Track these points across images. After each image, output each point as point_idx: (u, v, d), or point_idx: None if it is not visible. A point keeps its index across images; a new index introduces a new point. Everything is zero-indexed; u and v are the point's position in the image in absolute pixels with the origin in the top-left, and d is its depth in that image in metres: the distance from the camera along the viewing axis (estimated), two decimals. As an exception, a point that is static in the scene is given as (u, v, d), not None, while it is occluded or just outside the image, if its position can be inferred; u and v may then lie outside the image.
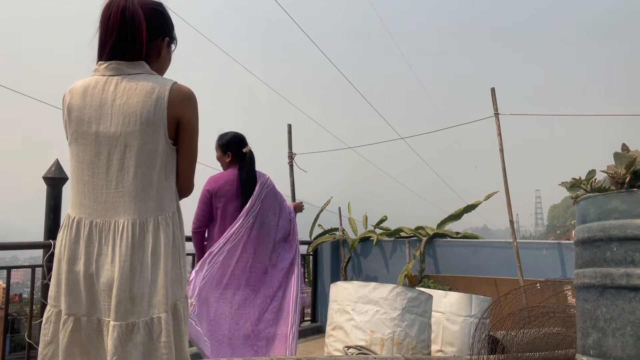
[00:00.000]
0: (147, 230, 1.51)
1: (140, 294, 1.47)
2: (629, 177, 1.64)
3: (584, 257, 1.68)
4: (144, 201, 1.53)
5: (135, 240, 1.49)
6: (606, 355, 1.52)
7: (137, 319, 1.46)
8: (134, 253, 1.48)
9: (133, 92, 1.52)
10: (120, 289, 1.46)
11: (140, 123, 1.51)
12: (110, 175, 1.53)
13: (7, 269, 3.17)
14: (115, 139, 1.52)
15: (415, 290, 2.93)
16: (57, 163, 3.20)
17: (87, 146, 1.54)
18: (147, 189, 1.53)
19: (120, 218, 1.51)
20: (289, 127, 5.98)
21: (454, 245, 4.86)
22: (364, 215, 5.70)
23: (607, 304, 1.55)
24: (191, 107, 1.58)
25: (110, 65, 1.56)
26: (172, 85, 1.54)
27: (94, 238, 1.52)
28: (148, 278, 1.49)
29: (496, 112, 4.55)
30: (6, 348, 3.22)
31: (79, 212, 1.55)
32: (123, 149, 1.52)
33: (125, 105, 1.51)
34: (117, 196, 1.52)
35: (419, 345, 2.81)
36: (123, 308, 1.46)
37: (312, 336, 5.02)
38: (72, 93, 1.57)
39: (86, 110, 1.54)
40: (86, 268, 1.51)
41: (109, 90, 1.53)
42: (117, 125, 1.52)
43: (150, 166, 1.54)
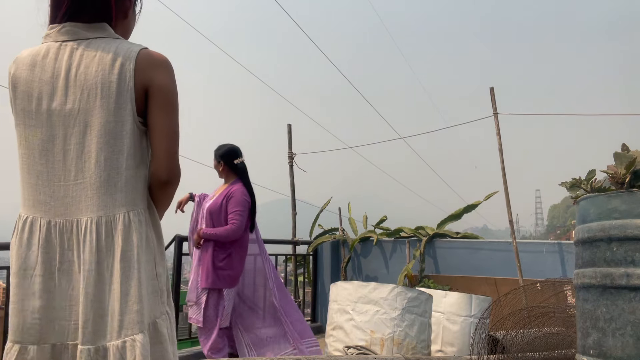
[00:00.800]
0: (116, 229, 1.21)
1: (110, 310, 1.18)
2: (629, 177, 1.64)
3: (584, 257, 1.68)
4: (110, 194, 1.22)
5: (101, 244, 1.19)
6: (606, 355, 1.52)
7: (107, 342, 1.17)
8: (101, 259, 1.19)
9: (92, 60, 1.24)
10: (86, 305, 1.17)
11: (101, 97, 1.22)
12: (69, 163, 1.23)
13: (7, 269, 3.16)
14: (73, 117, 1.23)
15: (415, 290, 2.93)
16: (57, 163, 3.19)
17: (38, 128, 1.24)
18: (113, 177, 1.23)
19: (82, 216, 1.21)
20: (289, 127, 5.98)
21: (454, 245, 4.87)
22: (364, 215, 5.70)
23: (607, 304, 1.55)
24: (165, 73, 1.28)
25: (65, 29, 1.26)
26: (140, 50, 1.25)
27: (53, 242, 1.21)
28: (118, 290, 1.18)
29: (495, 112, 4.56)
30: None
31: (33, 210, 1.24)
32: (82, 130, 1.23)
33: (83, 76, 1.23)
34: (78, 189, 1.22)
35: (419, 345, 2.81)
36: (91, 329, 1.17)
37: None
38: (18, 64, 1.27)
39: (35, 83, 1.24)
40: (45, 280, 1.20)
41: (63, 59, 1.24)
42: (74, 101, 1.23)
43: (117, 150, 1.23)
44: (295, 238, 5.67)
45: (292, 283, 5.90)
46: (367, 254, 5.38)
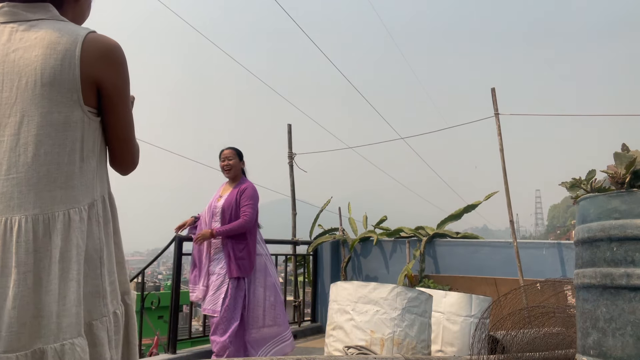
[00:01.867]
0: (54, 229, 1.11)
1: (48, 312, 1.09)
2: (629, 177, 1.64)
3: (584, 257, 1.68)
4: (48, 190, 1.12)
5: (38, 244, 1.10)
6: (606, 355, 1.52)
7: (44, 345, 1.08)
8: (37, 260, 1.09)
9: (32, 43, 1.13)
10: (21, 308, 1.06)
11: (41, 85, 1.12)
12: (0, 156, 1.12)
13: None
14: (9, 106, 1.13)
15: (415, 290, 2.93)
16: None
17: None
18: (53, 173, 1.13)
19: (14, 214, 1.10)
20: (289, 127, 5.98)
21: (454, 245, 4.87)
22: (364, 215, 5.70)
23: (607, 304, 1.55)
24: (115, 64, 1.18)
25: (3, 9, 1.16)
26: (86, 34, 1.15)
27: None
28: (56, 292, 1.10)
29: (496, 112, 4.55)
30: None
31: None
32: (19, 120, 1.12)
33: (21, 61, 1.12)
34: (10, 184, 1.11)
35: (419, 345, 2.81)
36: (26, 332, 1.07)
37: (312, 336, 5.02)
38: None
39: None
40: None
41: (0, 42, 1.15)
42: (11, 89, 1.13)
43: (58, 143, 1.13)
44: (295, 238, 5.67)
45: (292, 283, 5.90)
46: (367, 254, 5.38)
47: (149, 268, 4.56)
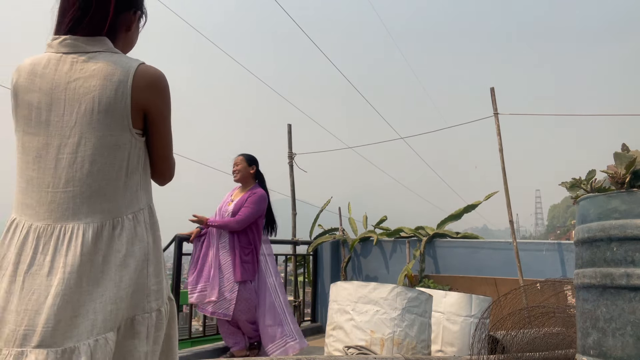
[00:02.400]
0: (102, 236, 1.26)
1: (84, 311, 1.20)
2: (629, 177, 1.64)
3: (584, 257, 1.68)
4: (99, 203, 1.27)
5: (85, 249, 1.23)
6: (606, 355, 1.52)
7: (77, 343, 1.17)
8: (83, 263, 1.22)
9: (91, 74, 1.27)
10: (59, 307, 1.17)
11: (98, 112, 1.26)
12: (60, 171, 1.26)
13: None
14: (69, 129, 1.27)
15: (415, 290, 2.93)
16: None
17: (36, 136, 1.28)
18: (104, 188, 1.28)
19: (68, 223, 1.24)
20: (289, 127, 5.98)
21: (454, 245, 4.87)
22: (364, 215, 5.70)
23: (607, 304, 1.55)
24: (160, 93, 1.34)
25: (66, 41, 1.30)
26: (137, 66, 1.30)
27: (28, 245, 1.23)
28: (94, 292, 1.23)
29: (496, 112, 4.55)
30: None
31: (20, 213, 1.28)
32: (77, 142, 1.27)
33: (82, 90, 1.27)
34: (67, 196, 1.26)
35: (419, 345, 2.81)
36: (60, 331, 1.16)
37: (312, 336, 5.02)
38: (20, 72, 1.31)
39: (35, 93, 1.29)
40: (9, 282, 1.21)
41: (63, 71, 1.28)
42: (72, 114, 1.27)
43: (110, 162, 1.28)
44: (295, 238, 5.67)
45: (292, 283, 5.90)
46: (367, 254, 5.38)
47: (148, 268, 4.54)
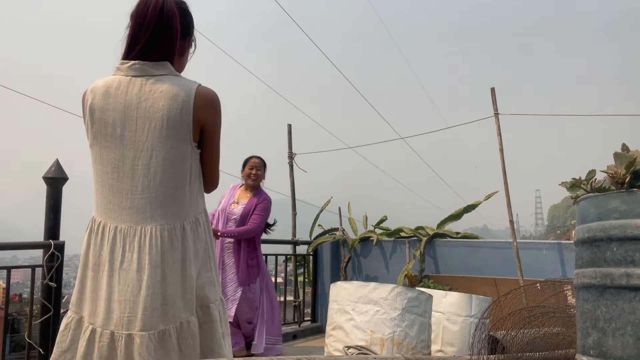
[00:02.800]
0: (176, 236, 1.48)
1: (172, 300, 1.45)
2: (629, 177, 1.64)
3: (584, 257, 1.68)
4: (170, 207, 1.49)
5: (165, 247, 1.45)
6: (606, 355, 1.52)
7: (167, 326, 1.44)
8: (164, 259, 1.45)
9: (158, 95, 1.47)
10: (152, 297, 1.42)
11: (166, 128, 1.46)
12: (136, 180, 1.47)
13: (7, 269, 3.16)
14: (142, 143, 1.47)
15: (415, 290, 2.93)
16: (57, 163, 3.20)
17: (112, 149, 1.48)
18: (173, 194, 1.49)
19: (147, 224, 1.46)
20: (289, 127, 5.98)
21: (454, 245, 4.86)
22: (364, 215, 5.70)
23: (607, 304, 1.55)
24: (215, 111, 1.55)
25: (135, 66, 1.49)
26: (197, 87, 1.51)
27: (117, 245, 1.46)
28: (178, 283, 1.47)
29: (496, 112, 4.55)
30: (6, 348, 3.23)
31: (105, 216, 1.50)
32: (149, 154, 1.47)
33: (151, 109, 1.46)
34: (143, 202, 1.47)
35: (419, 345, 2.81)
36: (155, 316, 1.42)
37: (312, 336, 5.02)
38: (94, 93, 1.50)
39: (109, 112, 1.48)
40: (109, 276, 1.45)
41: (133, 92, 1.48)
42: (143, 130, 1.47)
43: (177, 171, 1.49)
44: (295, 238, 5.67)
45: (292, 283, 5.90)
46: (367, 254, 5.38)
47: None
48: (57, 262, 3.03)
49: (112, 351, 1.43)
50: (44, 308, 2.99)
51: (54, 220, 3.12)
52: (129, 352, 1.41)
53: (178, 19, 1.53)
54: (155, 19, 1.50)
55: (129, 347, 1.40)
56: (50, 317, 2.99)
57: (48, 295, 3.00)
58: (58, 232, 3.14)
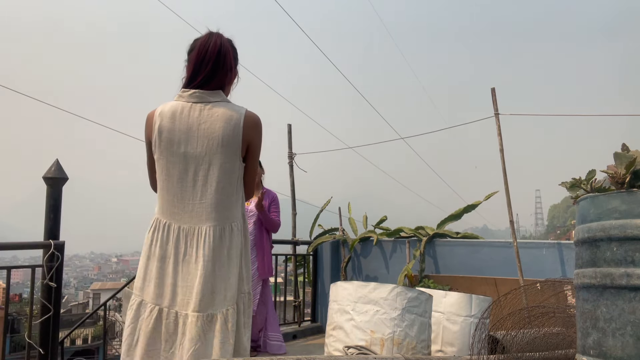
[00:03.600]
0: (225, 235, 1.80)
1: (219, 289, 1.77)
2: (629, 177, 1.64)
3: (584, 257, 1.68)
4: (222, 211, 1.81)
5: (215, 244, 1.78)
6: (606, 355, 1.52)
7: (215, 311, 1.76)
8: (215, 255, 1.77)
9: (215, 118, 1.79)
10: (204, 285, 1.74)
11: (221, 145, 1.78)
12: (196, 189, 1.80)
13: (7, 269, 3.16)
14: (201, 158, 1.79)
15: (415, 290, 2.93)
16: (57, 163, 3.20)
17: (177, 163, 1.80)
18: (224, 201, 1.82)
19: (203, 225, 1.79)
20: (289, 127, 5.97)
21: (454, 245, 4.86)
22: (364, 215, 5.69)
23: (607, 304, 1.55)
24: (259, 132, 1.88)
25: (195, 94, 1.81)
26: (245, 113, 1.83)
27: (181, 241, 1.79)
28: (225, 276, 1.78)
29: (496, 112, 4.55)
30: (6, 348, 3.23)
31: (169, 218, 1.82)
32: (207, 167, 1.79)
33: (209, 130, 1.78)
34: (202, 207, 1.80)
35: (419, 345, 2.81)
36: (205, 301, 1.74)
37: (312, 336, 5.02)
38: (162, 116, 1.80)
39: (175, 132, 1.79)
40: (174, 266, 1.78)
41: (194, 116, 1.79)
42: (202, 147, 1.79)
43: (228, 182, 1.82)
44: (295, 238, 5.67)
45: (292, 283, 5.90)
46: (367, 254, 5.37)
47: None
48: (57, 262, 3.03)
49: (176, 327, 1.77)
50: (44, 308, 2.99)
51: (54, 220, 3.12)
52: (185, 328, 1.75)
53: (231, 56, 1.87)
54: (214, 56, 1.82)
55: (186, 323, 1.75)
56: (50, 317, 2.99)
57: (48, 295, 3.00)
58: (58, 232, 3.14)
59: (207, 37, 1.85)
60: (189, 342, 1.73)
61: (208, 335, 1.74)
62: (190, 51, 1.88)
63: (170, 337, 1.77)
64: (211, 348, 1.74)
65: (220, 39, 1.85)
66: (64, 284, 3.16)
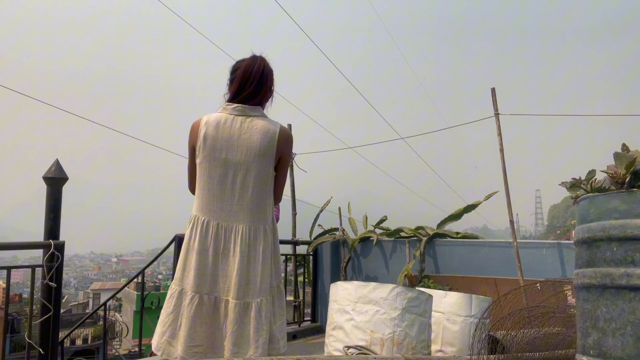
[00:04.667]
0: (258, 235, 2.04)
1: (253, 280, 2.01)
2: (629, 177, 1.64)
3: (584, 257, 1.68)
4: (256, 213, 2.05)
5: (250, 241, 2.02)
6: (606, 355, 1.52)
7: (251, 299, 2.00)
8: (249, 250, 2.02)
9: (254, 131, 2.03)
10: (239, 276, 1.98)
11: (259, 155, 2.02)
12: (234, 191, 2.03)
13: (7, 269, 3.16)
14: (240, 164, 2.02)
15: (415, 290, 2.93)
16: (57, 163, 3.20)
17: (217, 167, 2.03)
18: (259, 204, 2.05)
19: (240, 224, 2.03)
20: (289, 127, 5.97)
21: (454, 245, 4.86)
22: (364, 215, 5.69)
23: (607, 304, 1.55)
24: (290, 145, 2.14)
25: (238, 108, 2.05)
26: (280, 127, 2.09)
27: (220, 237, 2.02)
28: (258, 269, 2.02)
29: (496, 112, 4.54)
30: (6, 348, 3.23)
31: (208, 215, 2.03)
32: (245, 173, 2.03)
33: (249, 141, 2.02)
34: (239, 207, 2.03)
35: (419, 345, 2.81)
36: (242, 290, 1.99)
37: (312, 336, 5.02)
38: (207, 125, 2.04)
39: (218, 140, 2.02)
40: (214, 258, 2.01)
41: (235, 127, 2.03)
42: (242, 155, 2.02)
43: (262, 187, 2.06)
44: (295, 238, 5.66)
45: (292, 283, 5.90)
46: (367, 254, 5.37)
47: (149, 268, 4.56)
48: (57, 262, 3.02)
49: (216, 311, 2.02)
50: (44, 308, 2.99)
51: (54, 220, 3.12)
52: (227, 311, 2.00)
53: (272, 78, 2.13)
54: (258, 77, 2.07)
55: (227, 307, 2.00)
56: (50, 317, 2.99)
57: (48, 295, 2.99)
58: (58, 232, 3.14)
59: (253, 60, 2.10)
60: (230, 323, 1.98)
61: (244, 320, 1.98)
62: (234, 70, 2.14)
63: (210, 320, 2.00)
64: (247, 332, 1.98)
65: (264, 62, 2.10)
66: (64, 284, 3.16)
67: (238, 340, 1.98)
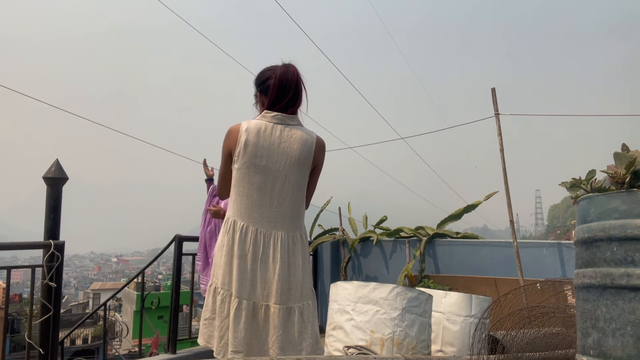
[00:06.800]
0: (296, 241, 2.09)
1: (294, 286, 2.05)
2: (629, 177, 1.64)
3: (584, 257, 1.68)
4: (293, 220, 2.09)
5: (289, 247, 2.06)
6: (606, 355, 1.52)
7: (293, 304, 2.04)
8: (289, 257, 2.06)
9: (293, 139, 2.07)
10: (281, 282, 2.01)
11: (297, 163, 2.07)
12: (273, 198, 2.05)
13: (7, 269, 3.16)
14: (279, 172, 2.05)
15: (415, 290, 2.93)
16: (57, 163, 3.20)
17: (257, 174, 2.04)
18: (296, 211, 2.10)
19: (279, 230, 2.05)
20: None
21: (454, 245, 4.86)
22: (364, 215, 5.69)
23: (607, 304, 1.55)
24: (324, 154, 2.19)
25: (277, 116, 2.08)
26: (316, 137, 2.15)
27: (259, 242, 2.03)
28: (299, 275, 2.07)
29: (497, 112, 4.54)
30: (6, 348, 3.22)
31: (247, 221, 2.05)
32: (283, 180, 2.06)
33: (288, 149, 2.05)
34: (277, 214, 2.05)
35: (419, 345, 2.81)
36: (284, 296, 2.02)
37: (312, 336, 5.01)
38: (248, 132, 2.04)
39: (259, 147, 2.03)
40: (252, 263, 2.02)
41: (275, 135, 2.05)
42: (281, 163, 2.05)
43: (299, 195, 2.11)
44: (295, 238, 5.65)
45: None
46: (367, 254, 5.37)
47: (149, 268, 4.56)
48: (57, 262, 3.02)
49: (255, 316, 2.02)
50: (44, 308, 2.99)
51: (54, 220, 3.12)
52: (266, 317, 2.01)
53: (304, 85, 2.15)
54: (294, 85, 2.09)
55: (267, 313, 2.01)
56: (50, 317, 2.99)
57: (48, 295, 2.99)
58: (58, 232, 3.14)
59: (286, 68, 2.10)
60: (273, 329, 2.00)
61: (287, 324, 2.02)
62: (265, 79, 2.14)
63: (248, 325, 2.01)
64: (291, 335, 2.02)
65: (296, 70, 2.12)
66: (64, 284, 3.16)
67: (284, 344, 2.00)
